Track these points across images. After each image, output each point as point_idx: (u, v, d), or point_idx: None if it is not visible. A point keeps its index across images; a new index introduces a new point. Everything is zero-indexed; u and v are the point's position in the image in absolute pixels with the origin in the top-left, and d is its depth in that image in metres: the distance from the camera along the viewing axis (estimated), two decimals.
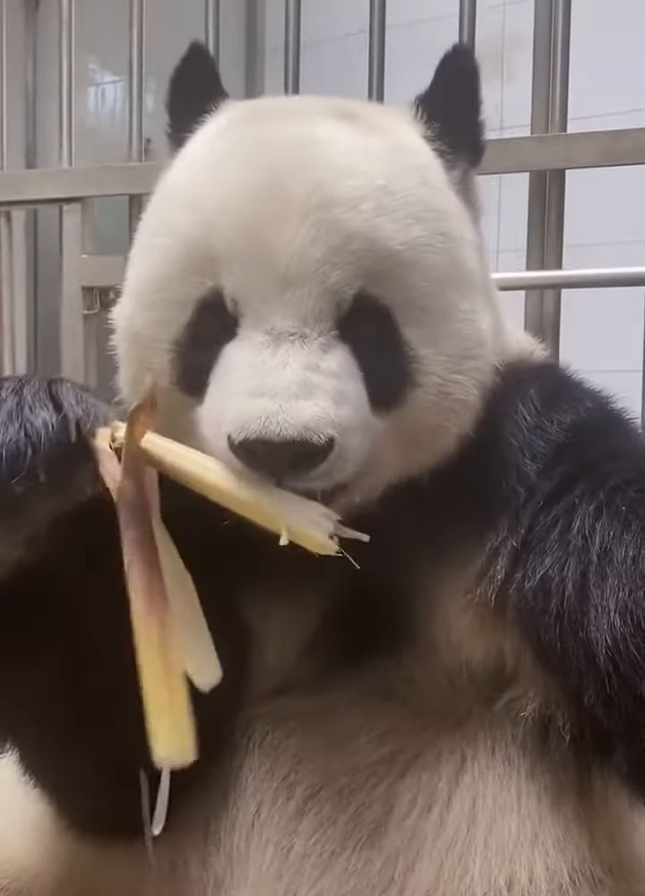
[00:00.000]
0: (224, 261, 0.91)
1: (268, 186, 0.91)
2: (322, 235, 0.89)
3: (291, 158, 0.92)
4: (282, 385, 0.86)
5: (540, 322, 1.95)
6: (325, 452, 0.86)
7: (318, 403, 0.86)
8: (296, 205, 0.89)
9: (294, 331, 0.89)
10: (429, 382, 0.94)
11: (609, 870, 1.00)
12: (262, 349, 0.88)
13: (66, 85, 2.27)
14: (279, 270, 0.89)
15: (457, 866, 0.97)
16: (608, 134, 1.87)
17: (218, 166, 0.96)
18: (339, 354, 0.90)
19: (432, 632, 1.01)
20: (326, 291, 0.89)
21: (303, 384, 0.86)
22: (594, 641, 0.91)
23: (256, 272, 0.90)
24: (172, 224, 0.95)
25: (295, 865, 0.99)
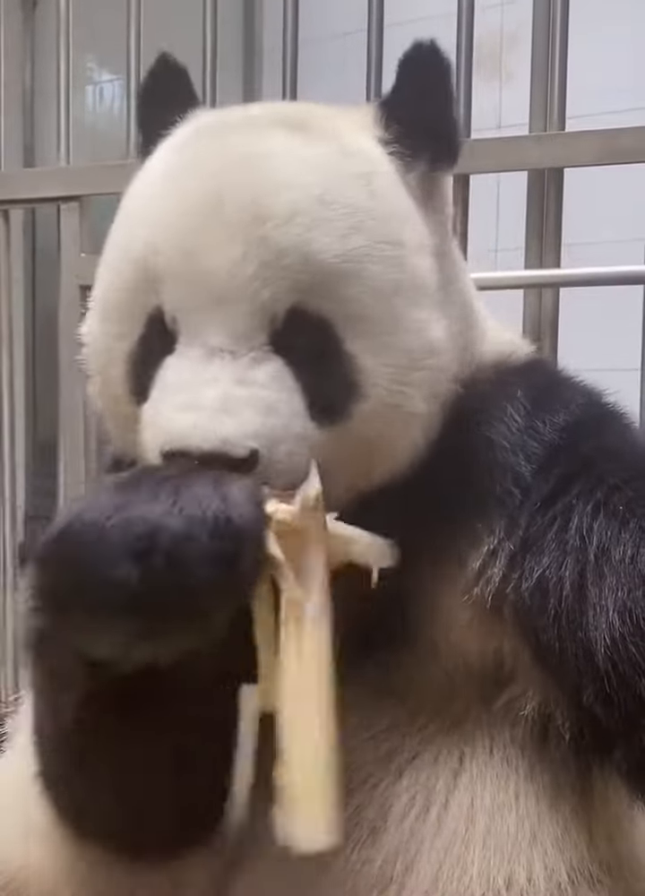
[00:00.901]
0: (163, 280, 0.93)
1: (207, 204, 0.92)
2: (253, 251, 0.89)
3: (231, 174, 0.93)
4: (206, 401, 0.88)
5: (538, 320, 1.95)
6: (250, 464, 0.87)
7: (239, 417, 0.87)
8: (230, 222, 0.90)
9: (224, 348, 0.90)
10: (374, 394, 0.93)
11: (608, 869, 1.00)
12: (194, 365, 0.90)
13: (64, 84, 2.27)
14: (213, 288, 0.90)
15: (455, 866, 0.97)
16: (607, 133, 1.87)
17: (165, 181, 0.97)
18: (271, 367, 0.91)
19: (431, 632, 1.01)
20: (258, 308, 0.90)
21: (226, 399, 0.88)
22: (593, 640, 0.91)
23: (191, 291, 0.91)
24: (124, 241, 0.98)
25: (292, 865, 0.99)
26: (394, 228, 0.95)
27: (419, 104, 1.00)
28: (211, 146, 0.97)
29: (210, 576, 0.79)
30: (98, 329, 1.02)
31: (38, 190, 2.31)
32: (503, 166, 1.98)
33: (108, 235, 1.04)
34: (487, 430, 1.00)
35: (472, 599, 0.98)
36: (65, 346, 2.27)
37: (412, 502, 0.97)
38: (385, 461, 0.97)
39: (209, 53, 2.13)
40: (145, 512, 0.80)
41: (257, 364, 0.90)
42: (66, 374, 2.29)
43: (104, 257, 1.03)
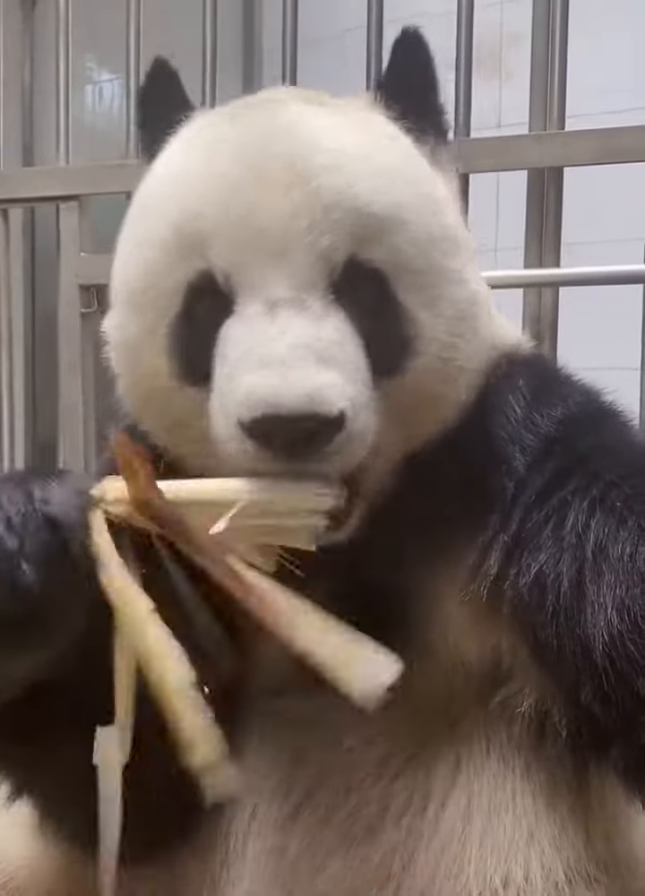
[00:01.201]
0: (211, 241, 0.90)
1: (248, 166, 0.91)
2: (304, 204, 0.89)
3: (268, 138, 0.93)
4: (286, 354, 0.83)
5: (538, 319, 1.95)
6: (339, 424, 0.83)
7: (325, 373, 0.83)
8: (275, 180, 0.89)
9: (290, 298, 0.87)
10: (429, 348, 0.92)
11: (605, 868, 1.00)
12: (262, 319, 0.86)
13: (63, 83, 2.27)
14: (268, 241, 0.88)
15: (453, 865, 0.97)
16: (606, 132, 1.87)
17: (195, 161, 0.96)
18: (337, 321, 0.88)
19: (429, 630, 1.01)
20: (317, 258, 0.88)
21: (308, 352, 0.84)
22: (591, 637, 0.91)
23: (246, 246, 0.89)
24: (154, 221, 0.95)
25: (291, 864, 0.99)
26: (426, 185, 0.97)
27: (414, 87, 1.03)
28: (241, 120, 0.97)
29: (30, 571, 0.76)
30: (124, 322, 0.98)
31: (38, 189, 2.30)
32: (503, 165, 1.98)
33: (121, 232, 1.02)
34: (486, 422, 1.00)
35: (469, 596, 0.98)
36: (65, 345, 2.27)
37: (409, 498, 0.97)
38: (434, 419, 0.96)
39: (208, 53, 2.13)
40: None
41: (325, 317, 0.87)
42: (66, 374, 2.28)
43: (122, 251, 1.00)
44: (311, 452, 0.83)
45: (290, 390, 0.81)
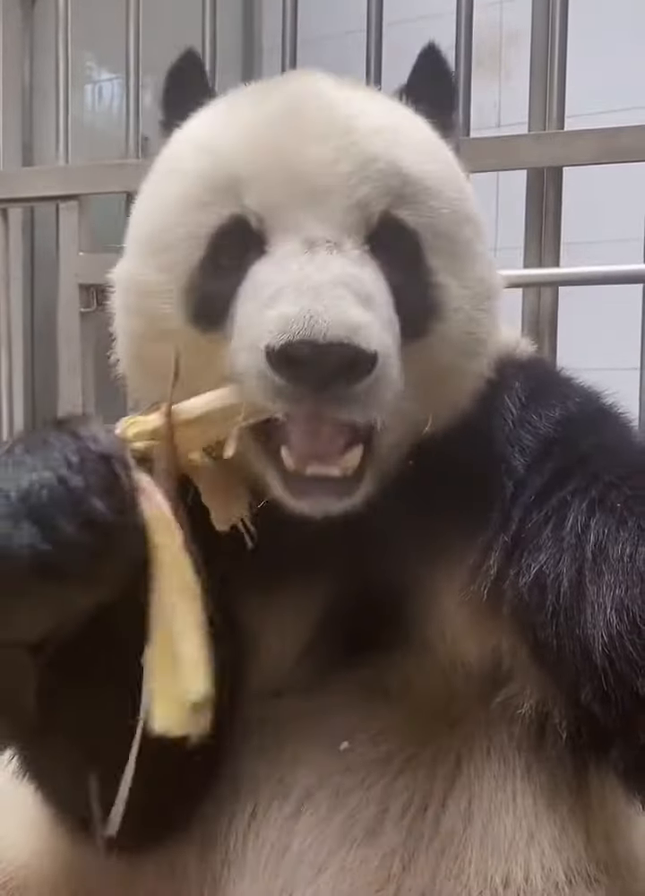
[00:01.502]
0: (246, 182, 0.90)
1: (284, 118, 0.91)
2: (345, 153, 0.89)
3: (303, 97, 0.94)
4: (328, 286, 0.82)
5: (537, 319, 1.95)
6: (372, 363, 0.82)
7: (364, 311, 0.82)
8: (314, 131, 0.90)
9: (329, 239, 0.86)
10: (455, 316, 0.93)
11: (605, 868, 1.00)
12: (298, 256, 0.85)
13: (63, 83, 2.27)
14: (307, 183, 0.88)
15: (453, 865, 0.97)
16: (605, 132, 1.87)
17: (229, 112, 0.97)
18: (373, 270, 0.88)
19: (428, 630, 1.01)
20: (355, 205, 0.89)
21: (348, 287, 0.83)
22: (590, 638, 0.91)
23: (283, 188, 0.88)
24: (184, 165, 0.95)
25: (291, 864, 0.99)
26: (456, 171, 0.99)
27: (437, 95, 1.05)
28: (277, 85, 0.99)
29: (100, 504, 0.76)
30: (138, 267, 0.97)
31: (37, 189, 2.30)
32: (503, 164, 1.98)
33: (143, 188, 1.01)
34: (483, 422, 1.01)
35: (469, 596, 0.98)
36: (64, 345, 2.27)
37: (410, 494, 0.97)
38: (452, 396, 0.96)
39: (208, 53, 2.12)
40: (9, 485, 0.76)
41: (363, 262, 0.87)
42: (65, 374, 2.28)
43: (145, 202, 1.00)
44: (339, 387, 0.82)
45: (330, 317, 0.80)
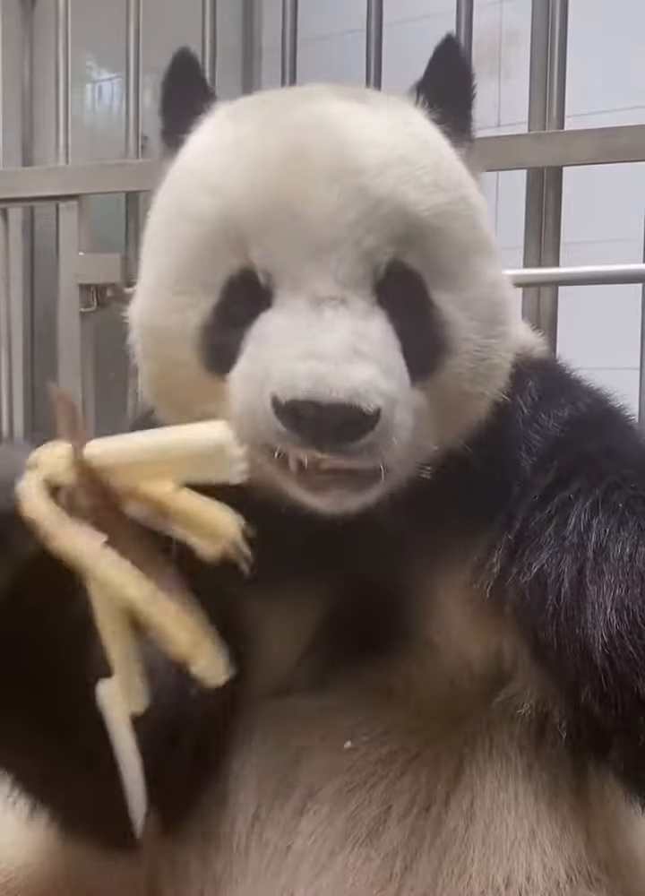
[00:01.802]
0: (253, 236, 0.90)
1: (290, 159, 0.90)
2: (351, 200, 0.89)
3: (309, 131, 0.92)
4: (333, 348, 0.84)
5: (537, 319, 1.95)
6: (372, 422, 0.84)
7: (368, 370, 0.84)
8: (321, 174, 0.89)
9: (336, 296, 0.87)
10: (464, 348, 0.93)
11: (606, 868, 1.00)
12: (307, 314, 0.87)
13: (63, 82, 2.26)
14: (313, 236, 0.88)
15: (455, 865, 0.97)
16: (605, 132, 1.87)
17: (234, 146, 0.95)
18: (380, 322, 0.89)
19: (430, 629, 1.01)
20: (362, 255, 0.89)
21: (353, 349, 0.85)
22: (590, 638, 0.91)
23: (289, 241, 0.89)
24: (191, 208, 0.94)
25: (293, 863, 0.99)
26: (465, 191, 0.98)
27: (454, 93, 1.03)
28: (282, 111, 0.97)
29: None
30: (154, 307, 0.97)
31: (37, 189, 2.30)
32: (502, 164, 1.98)
33: (154, 214, 1.01)
34: (494, 421, 1.00)
35: (471, 594, 0.98)
36: (64, 345, 2.27)
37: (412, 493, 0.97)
38: (468, 417, 0.97)
39: (208, 52, 2.12)
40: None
41: (368, 317, 0.88)
42: (65, 373, 2.28)
43: (157, 235, 1.00)
44: (339, 444, 0.84)
45: (335, 381, 0.82)
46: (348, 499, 0.89)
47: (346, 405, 0.82)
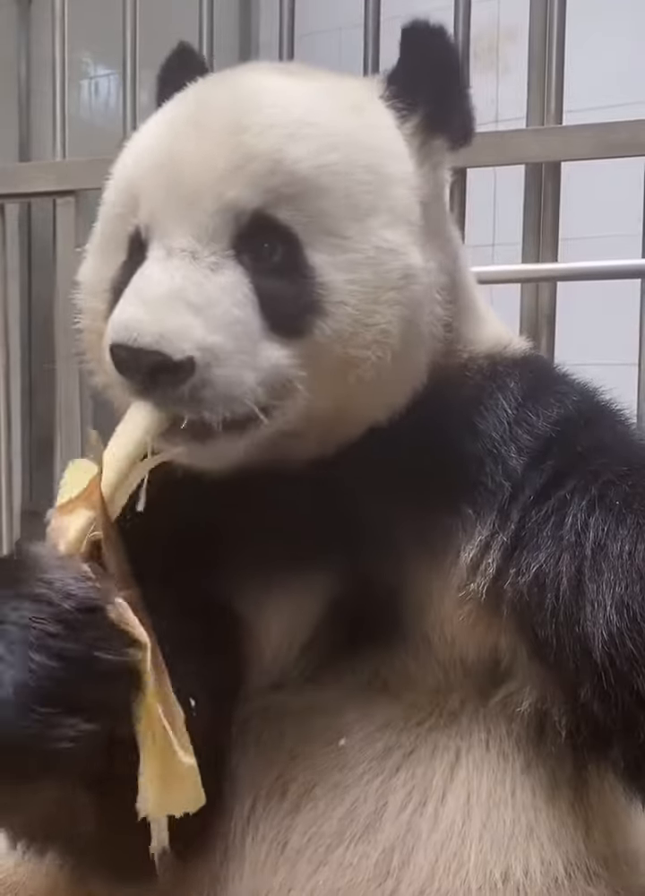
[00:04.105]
0: (142, 194, 0.95)
1: (187, 122, 0.95)
2: (225, 156, 0.91)
3: (217, 98, 0.96)
4: (155, 295, 0.87)
5: (536, 315, 1.95)
6: (184, 371, 0.85)
7: (184, 318, 0.86)
8: (208, 134, 0.92)
9: (187, 247, 0.90)
10: (339, 311, 0.92)
11: (605, 863, 1.00)
12: (155, 264, 0.90)
13: (60, 78, 2.26)
14: (181, 190, 0.91)
15: (452, 860, 0.96)
16: (604, 127, 1.87)
17: (157, 115, 1.01)
18: (230, 275, 0.90)
19: (426, 626, 1.01)
20: (222, 207, 0.90)
21: (177, 297, 0.87)
22: (590, 636, 0.91)
23: (164, 197, 0.92)
24: (113, 174, 1.01)
25: (290, 860, 0.99)
26: (376, 157, 0.97)
27: (419, 73, 1.02)
28: (211, 83, 1.01)
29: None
30: (89, 268, 1.04)
31: (34, 184, 2.30)
32: (501, 160, 1.98)
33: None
34: (478, 421, 1.00)
35: (467, 594, 0.98)
36: (62, 341, 2.26)
37: (401, 490, 0.97)
38: (370, 391, 0.95)
39: (205, 47, 2.12)
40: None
41: (217, 269, 0.90)
42: (63, 369, 2.28)
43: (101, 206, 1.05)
44: (157, 389, 0.87)
45: (145, 325, 0.85)
46: (196, 452, 0.91)
47: (153, 350, 0.84)
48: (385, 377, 0.94)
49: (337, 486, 0.99)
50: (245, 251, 0.91)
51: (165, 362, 0.85)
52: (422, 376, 0.99)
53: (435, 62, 1.01)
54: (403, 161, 0.99)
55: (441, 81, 1.02)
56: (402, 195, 0.97)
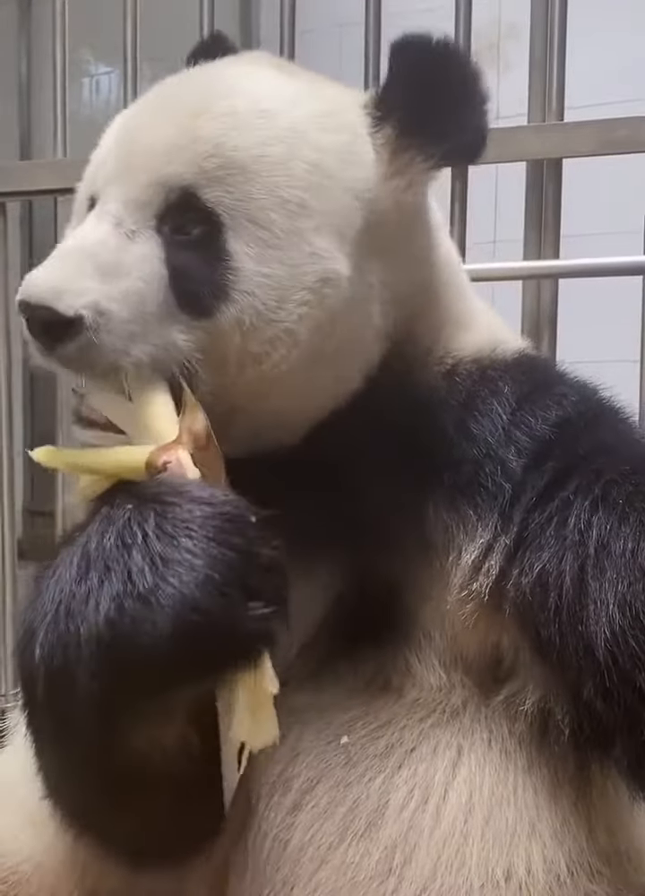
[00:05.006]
0: (100, 166, 0.99)
1: (156, 104, 0.99)
2: (173, 135, 0.93)
3: (190, 83, 1.00)
4: (66, 251, 0.90)
5: (537, 312, 1.95)
6: (73, 327, 0.88)
7: (84, 280, 0.88)
8: (168, 115, 0.95)
9: (114, 214, 0.93)
10: (245, 300, 0.93)
11: (607, 861, 1.00)
12: (84, 225, 0.94)
13: (60, 76, 2.25)
14: (124, 163, 0.95)
15: (454, 858, 0.97)
16: (605, 123, 1.86)
17: (147, 95, 1.03)
18: (145, 245, 0.93)
19: (427, 624, 1.01)
20: (155, 181, 0.93)
21: (86, 257, 0.90)
22: (593, 634, 0.91)
23: (113, 167, 0.96)
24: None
25: (292, 857, 0.99)
26: (325, 160, 0.96)
27: (402, 88, 1.01)
28: (193, 70, 1.04)
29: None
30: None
31: (35, 182, 2.29)
32: (502, 156, 1.97)
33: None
34: (473, 425, 1.01)
35: (469, 593, 0.98)
36: None
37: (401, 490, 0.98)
38: (283, 390, 0.95)
39: None
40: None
41: (134, 237, 0.92)
42: None
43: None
44: (49, 343, 0.90)
45: (40, 281, 0.88)
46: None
47: (44, 305, 0.87)
48: (299, 378, 0.95)
49: (337, 485, 0.99)
50: (167, 224, 0.93)
51: (55, 317, 0.87)
52: (352, 384, 1.00)
53: (421, 78, 0.99)
54: (361, 170, 0.98)
55: (427, 97, 0.99)
56: (345, 204, 0.97)
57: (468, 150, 1.04)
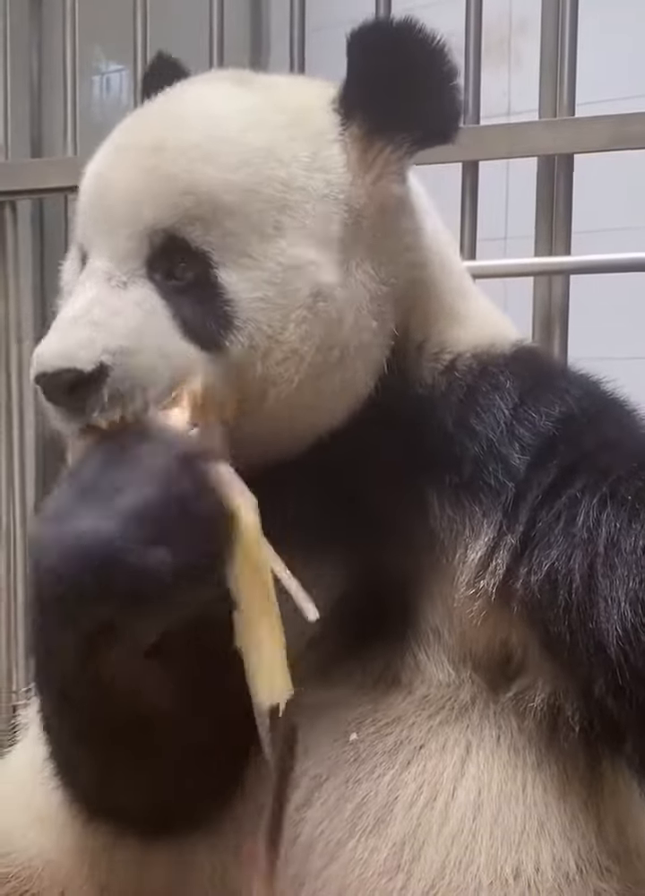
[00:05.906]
0: (80, 214, 1.00)
1: (124, 143, 0.99)
2: (141, 178, 0.94)
3: (146, 118, 1.01)
4: (64, 320, 0.91)
5: (549, 308, 1.94)
6: (98, 377, 0.88)
7: (83, 332, 0.89)
8: (131, 155, 0.96)
9: (104, 269, 0.94)
10: (250, 326, 0.94)
11: (617, 858, 1.00)
12: (78, 288, 0.94)
13: (71, 74, 2.26)
14: (105, 212, 0.95)
15: (463, 856, 0.96)
16: (617, 118, 1.85)
17: (111, 136, 1.04)
18: (139, 292, 0.93)
19: (434, 621, 1.01)
20: (138, 231, 0.94)
21: (81, 317, 0.90)
22: (604, 631, 0.91)
23: (91, 218, 0.97)
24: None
25: (301, 854, 0.99)
26: (297, 173, 0.96)
27: (363, 77, 1.00)
28: (160, 99, 1.04)
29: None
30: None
31: (46, 181, 2.30)
32: (513, 152, 1.96)
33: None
34: (474, 421, 1.00)
35: (476, 591, 0.98)
36: None
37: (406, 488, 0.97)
38: (293, 410, 0.96)
39: (215, 42, 2.11)
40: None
41: (125, 287, 0.93)
42: None
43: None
44: (78, 403, 0.90)
45: (49, 349, 0.89)
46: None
47: (64, 369, 0.88)
48: (308, 393, 0.96)
49: (342, 484, 0.99)
50: (157, 270, 0.94)
51: (80, 376, 0.88)
52: (363, 389, 1.00)
53: (379, 66, 0.98)
54: (332, 174, 0.98)
55: (387, 85, 0.98)
56: (321, 212, 0.97)
57: (440, 133, 1.02)
